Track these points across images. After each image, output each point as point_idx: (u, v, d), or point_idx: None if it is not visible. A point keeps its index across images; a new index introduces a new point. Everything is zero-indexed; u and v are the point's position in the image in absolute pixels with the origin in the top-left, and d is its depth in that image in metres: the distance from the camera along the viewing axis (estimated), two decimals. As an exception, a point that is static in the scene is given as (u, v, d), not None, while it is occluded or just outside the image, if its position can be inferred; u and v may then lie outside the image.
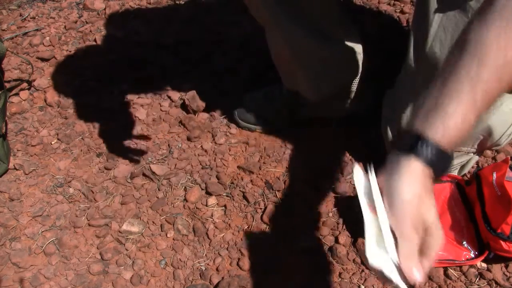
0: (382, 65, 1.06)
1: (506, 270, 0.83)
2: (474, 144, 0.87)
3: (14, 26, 1.46)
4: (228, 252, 0.91)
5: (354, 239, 0.89)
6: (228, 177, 1.03)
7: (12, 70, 1.31)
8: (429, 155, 0.52)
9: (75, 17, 1.49)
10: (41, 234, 0.96)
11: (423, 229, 0.52)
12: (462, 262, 0.83)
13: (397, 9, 1.35)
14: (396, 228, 0.52)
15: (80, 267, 0.91)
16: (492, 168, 0.83)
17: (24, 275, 0.90)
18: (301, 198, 0.97)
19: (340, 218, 0.94)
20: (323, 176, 1.02)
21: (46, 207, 1.00)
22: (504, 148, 1.03)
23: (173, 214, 0.97)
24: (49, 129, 1.16)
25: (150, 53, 1.33)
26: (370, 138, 1.05)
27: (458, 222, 0.87)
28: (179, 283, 0.88)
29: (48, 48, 1.37)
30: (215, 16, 1.43)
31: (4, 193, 1.03)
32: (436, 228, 0.51)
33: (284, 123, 1.11)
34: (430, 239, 0.51)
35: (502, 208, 0.78)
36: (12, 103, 1.21)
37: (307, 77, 0.99)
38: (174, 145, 1.11)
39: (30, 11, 1.52)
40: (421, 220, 0.51)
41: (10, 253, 0.93)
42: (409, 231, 0.51)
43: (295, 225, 0.93)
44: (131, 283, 0.88)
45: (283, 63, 1.02)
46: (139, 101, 1.21)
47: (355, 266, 0.86)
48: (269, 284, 0.84)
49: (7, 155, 1.07)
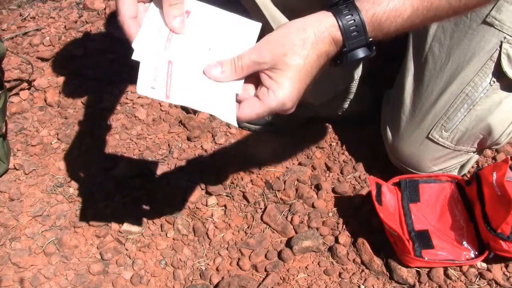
0: (382, 65, 1.06)
1: (506, 270, 0.83)
2: (474, 143, 0.87)
3: (14, 26, 1.46)
4: (228, 252, 0.91)
5: (354, 239, 0.89)
6: (228, 177, 1.03)
7: (12, 70, 1.31)
8: (345, 18, 0.50)
9: (75, 17, 1.49)
10: (41, 234, 0.96)
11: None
12: (462, 262, 0.83)
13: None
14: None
15: (80, 267, 0.91)
16: (492, 168, 0.83)
17: (24, 275, 0.90)
18: (301, 198, 0.97)
19: (340, 218, 0.94)
20: (323, 176, 1.02)
21: (46, 207, 1.00)
22: (504, 148, 1.03)
23: (173, 214, 0.97)
24: (49, 129, 1.16)
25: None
26: (370, 138, 1.05)
27: (458, 222, 0.87)
28: (179, 283, 0.88)
29: (48, 48, 1.37)
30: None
31: (4, 193, 1.03)
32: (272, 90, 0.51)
33: (284, 123, 1.11)
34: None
35: (502, 208, 0.78)
36: (12, 103, 1.21)
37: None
38: (174, 145, 1.11)
39: (30, 11, 1.52)
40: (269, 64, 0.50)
41: (10, 253, 0.93)
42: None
43: (295, 225, 0.93)
44: (131, 283, 0.88)
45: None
46: (139, 101, 1.21)
47: (355, 266, 0.86)
48: (269, 284, 0.84)
49: (7, 155, 1.07)
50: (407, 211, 0.88)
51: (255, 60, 0.51)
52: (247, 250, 0.91)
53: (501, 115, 0.81)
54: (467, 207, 0.88)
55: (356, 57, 0.53)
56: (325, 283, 0.85)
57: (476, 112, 0.81)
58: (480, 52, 0.77)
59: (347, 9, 0.51)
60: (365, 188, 0.98)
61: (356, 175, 1.01)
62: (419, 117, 0.87)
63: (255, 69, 0.52)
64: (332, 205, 0.96)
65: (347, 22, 0.51)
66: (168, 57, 0.52)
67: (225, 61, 0.52)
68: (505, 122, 0.83)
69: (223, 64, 0.52)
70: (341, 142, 1.08)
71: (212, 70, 0.52)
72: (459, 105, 0.82)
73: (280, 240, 0.92)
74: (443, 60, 0.81)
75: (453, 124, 0.84)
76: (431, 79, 0.83)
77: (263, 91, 0.52)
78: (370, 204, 0.88)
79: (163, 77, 0.50)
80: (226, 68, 0.52)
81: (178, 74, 0.51)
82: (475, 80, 0.79)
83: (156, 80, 0.50)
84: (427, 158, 0.90)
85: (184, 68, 0.52)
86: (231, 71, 0.52)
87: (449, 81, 0.81)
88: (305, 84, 0.53)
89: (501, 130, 0.83)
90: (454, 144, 0.87)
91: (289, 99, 0.52)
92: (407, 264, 0.83)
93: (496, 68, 0.77)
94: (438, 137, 0.86)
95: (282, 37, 0.51)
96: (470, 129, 0.83)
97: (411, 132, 0.88)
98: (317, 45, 0.51)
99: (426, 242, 0.84)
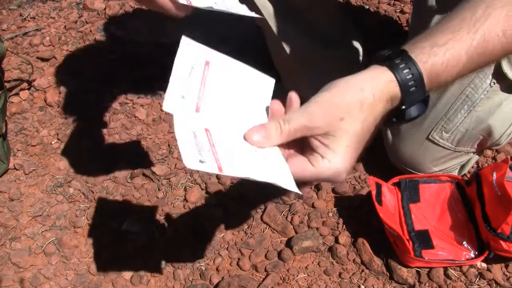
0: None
1: (506, 270, 0.83)
2: (474, 144, 0.87)
3: (14, 26, 1.46)
4: (228, 252, 0.91)
5: (354, 239, 0.89)
6: (228, 177, 1.03)
7: (12, 70, 1.31)
8: (403, 73, 0.45)
9: (75, 17, 1.49)
10: (41, 234, 0.96)
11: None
12: (462, 262, 0.83)
13: (397, 9, 1.35)
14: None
15: (80, 267, 0.91)
16: (492, 168, 0.83)
17: (24, 275, 0.90)
18: (300, 198, 0.97)
19: (340, 218, 0.94)
20: (323, 176, 1.02)
21: (46, 207, 1.00)
22: (504, 148, 1.03)
23: (173, 214, 0.97)
24: (49, 129, 1.16)
25: (150, 53, 1.33)
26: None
27: (458, 222, 0.87)
28: (179, 283, 0.88)
29: (48, 48, 1.37)
30: (215, 16, 1.43)
31: (4, 193, 1.03)
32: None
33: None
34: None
35: (502, 208, 0.78)
36: (12, 103, 1.21)
37: (308, 79, 0.99)
38: (174, 145, 1.11)
39: (30, 11, 1.52)
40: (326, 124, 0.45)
41: (10, 253, 0.93)
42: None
43: (295, 225, 0.93)
44: (131, 283, 0.88)
45: (283, 64, 1.02)
46: (139, 101, 1.21)
47: (355, 266, 0.86)
48: (269, 284, 0.84)
49: (7, 155, 1.07)
50: (407, 211, 0.88)
51: (305, 124, 0.45)
52: (247, 250, 0.91)
53: (501, 116, 0.81)
54: (467, 207, 0.88)
55: (412, 115, 0.48)
56: (325, 283, 0.85)
57: (476, 113, 0.81)
58: None
59: (404, 63, 0.45)
60: (365, 188, 0.98)
61: (356, 175, 1.01)
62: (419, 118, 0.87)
63: (304, 134, 0.46)
64: (332, 205, 0.96)
65: (405, 76, 0.45)
66: (204, 124, 0.46)
67: (269, 125, 0.46)
68: (505, 123, 0.83)
69: (268, 128, 0.46)
70: (341, 142, 1.08)
71: (256, 134, 0.46)
72: (459, 106, 0.82)
73: (280, 240, 0.92)
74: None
75: (453, 125, 0.84)
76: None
77: (316, 157, 0.45)
78: (370, 204, 0.88)
79: (207, 147, 0.44)
80: (271, 132, 0.46)
81: (219, 143, 0.45)
82: (475, 82, 0.79)
83: (201, 153, 0.43)
84: (427, 159, 0.90)
85: (222, 135, 0.46)
86: (277, 135, 0.46)
87: None
88: (359, 149, 0.47)
89: (501, 131, 0.83)
90: (455, 145, 0.87)
91: (344, 170, 0.46)
92: (407, 264, 0.83)
93: (496, 69, 0.77)
94: (438, 138, 0.86)
95: (337, 98, 0.45)
96: (470, 130, 0.83)
97: (411, 133, 0.88)
98: (376, 106, 0.46)
99: (426, 242, 0.84)
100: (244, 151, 0.46)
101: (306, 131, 0.45)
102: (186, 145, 0.43)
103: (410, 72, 0.45)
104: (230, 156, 0.44)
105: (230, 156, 0.44)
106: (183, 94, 0.47)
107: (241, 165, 0.44)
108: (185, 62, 0.48)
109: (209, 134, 0.45)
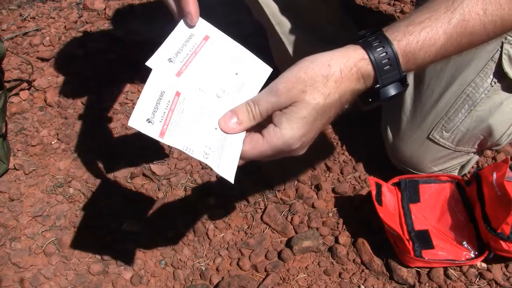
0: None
1: (506, 270, 0.83)
2: (474, 144, 0.87)
3: (14, 26, 1.46)
4: (228, 252, 0.91)
5: (354, 239, 0.89)
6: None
7: (12, 70, 1.31)
8: (377, 51, 0.45)
9: (75, 17, 1.49)
10: (41, 234, 0.96)
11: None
12: (462, 262, 0.83)
13: (397, 9, 1.35)
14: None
15: (80, 267, 0.91)
16: (492, 168, 0.83)
17: (24, 275, 0.90)
18: (301, 198, 0.97)
19: (340, 218, 0.94)
20: (323, 176, 1.02)
21: (46, 207, 1.00)
22: (504, 148, 1.03)
23: (173, 214, 0.97)
24: (49, 129, 1.16)
25: (150, 53, 1.33)
26: (370, 138, 1.05)
27: (458, 222, 0.87)
28: (179, 283, 0.88)
29: (48, 48, 1.37)
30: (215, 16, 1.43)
31: (4, 193, 1.03)
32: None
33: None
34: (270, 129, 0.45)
35: (502, 208, 0.78)
36: (12, 103, 1.21)
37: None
38: (174, 145, 1.11)
39: (30, 11, 1.52)
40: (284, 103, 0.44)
41: (10, 253, 0.93)
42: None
43: (295, 225, 0.93)
44: (131, 283, 0.88)
45: (284, 62, 1.02)
46: (139, 101, 1.21)
47: (355, 266, 0.86)
48: (269, 284, 0.84)
49: (7, 155, 1.07)
50: (407, 211, 0.88)
51: (272, 102, 0.45)
52: (247, 250, 0.91)
53: (502, 116, 0.81)
54: (467, 207, 0.88)
55: (388, 94, 0.47)
56: (325, 283, 0.85)
57: (477, 113, 0.81)
58: (481, 52, 0.77)
59: (377, 41, 0.45)
60: (365, 188, 0.98)
61: (356, 175, 1.01)
62: (419, 118, 0.87)
63: (274, 111, 0.46)
64: (332, 205, 0.96)
65: (378, 55, 0.45)
66: (177, 87, 0.47)
67: (240, 109, 0.46)
68: (506, 123, 0.83)
69: (238, 113, 0.46)
70: (341, 142, 1.08)
71: (228, 121, 0.45)
72: (460, 105, 0.82)
73: (280, 240, 0.92)
74: (444, 60, 0.81)
75: (453, 124, 0.84)
76: (432, 79, 0.83)
77: (268, 128, 0.46)
78: (370, 204, 0.88)
79: (164, 110, 0.45)
80: (243, 117, 0.46)
81: (180, 110, 0.46)
82: (476, 81, 0.79)
83: (154, 113, 0.44)
84: (428, 158, 0.90)
85: (190, 104, 0.46)
86: (249, 119, 0.46)
87: (450, 82, 0.81)
88: (320, 125, 0.48)
89: (502, 131, 0.83)
90: (455, 144, 0.87)
91: (296, 140, 0.45)
92: (407, 264, 0.83)
93: (497, 68, 0.77)
94: (438, 138, 0.86)
95: (303, 72, 0.45)
96: (470, 130, 0.83)
97: (412, 132, 0.88)
98: (342, 83, 0.45)
99: (426, 242, 0.84)
100: (206, 125, 0.46)
101: (275, 108, 0.46)
102: (145, 101, 0.44)
103: (384, 50, 0.45)
104: (181, 125, 0.44)
105: (181, 125, 0.44)
106: (171, 57, 0.49)
107: (184, 137, 0.43)
108: (184, 30, 0.51)
109: (176, 98, 0.46)
